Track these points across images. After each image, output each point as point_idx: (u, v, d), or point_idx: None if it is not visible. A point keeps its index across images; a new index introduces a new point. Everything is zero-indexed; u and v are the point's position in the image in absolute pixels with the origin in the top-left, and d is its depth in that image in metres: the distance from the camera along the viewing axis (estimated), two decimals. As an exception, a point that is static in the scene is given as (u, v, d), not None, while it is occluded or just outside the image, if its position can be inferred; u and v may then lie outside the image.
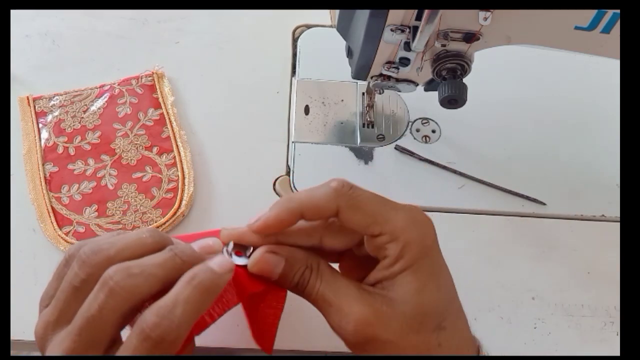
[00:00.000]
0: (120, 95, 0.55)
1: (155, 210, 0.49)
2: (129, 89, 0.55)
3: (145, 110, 0.54)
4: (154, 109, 0.54)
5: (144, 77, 0.56)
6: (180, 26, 0.61)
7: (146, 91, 0.55)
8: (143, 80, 0.56)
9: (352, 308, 0.32)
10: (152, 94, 0.55)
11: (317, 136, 0.55)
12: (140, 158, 0.52)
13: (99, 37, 0.60)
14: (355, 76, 0.48)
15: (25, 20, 0.60)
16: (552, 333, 0.48)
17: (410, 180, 0.54)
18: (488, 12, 0.40)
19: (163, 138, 0.53)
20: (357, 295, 0.33)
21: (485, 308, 0.48)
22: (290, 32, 0.62)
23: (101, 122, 0.53)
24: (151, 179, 0.51)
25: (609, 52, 0.42)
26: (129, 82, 0.56)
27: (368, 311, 0.32)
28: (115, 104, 0.54)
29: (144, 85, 0.55)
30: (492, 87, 0.59)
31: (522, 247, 0.51)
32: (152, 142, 0.52)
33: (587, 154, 0.57)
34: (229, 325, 0.46)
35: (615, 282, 0.50)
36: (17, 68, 0.56)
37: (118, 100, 0.54)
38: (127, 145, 0.52)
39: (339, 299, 0.33)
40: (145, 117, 0.53)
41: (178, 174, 0.51)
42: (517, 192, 0.53)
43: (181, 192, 0.50)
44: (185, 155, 0.52)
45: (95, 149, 0.52)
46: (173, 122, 0.54)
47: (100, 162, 0.51)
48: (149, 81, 0.56)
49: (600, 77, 0.61)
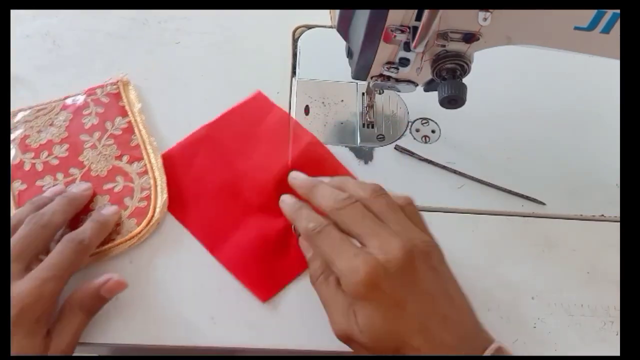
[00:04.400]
0: (85, 106, 0.53)
1: (130, 220, 0.48)
2: (95, 99, 0.54)
3: (112, 120, 0.53)
4: (122, 117, 0.53)
5: (109, 85, 0.55)
6: (180, 26, 0.61)
7: (112, 100, 0.54)
8: (108, 89, 0.55)
9: (337, 319, 0.39)
10: (119, 102, 0.54)
11: (317, 136, 0.55)
12: (111, 168, 0.50)
13: (99, 37, 0.60)
14: (355, 76, 0.48)
15: (25, 21, 0.60)
16: (552, 333, 0.48)
17: (410, 180, 0.54)
18: (487, 12, 0.40)
19: (132, 146, 0.52)
20: (345, 310, 0.38)
21: (485, 308, 0.48)
22: (290, 33, 0.62)
23: (68, 134, 0.52)
24: (123, 189, 0.50)
25: (609, 52, 0.42)
26: (94, 92, 0.54)
27: (346, 327, 0.38)
28: (81, 115, 0.53)
29: (109, 94, 0.54)
30: (492, 87, 0.59)
31: (522, 247, 0.51)
32: (122, 151, 0.51)
33: (587, 154, 0.57)
34: (230, 325, 0.46)
35: (615, 282, 0.50)
36: (18, 68, 0.56)
37: (84, 111, 0.53)
38: (96, 157, 0.51)
39: (332, 307, 0.40)
40: (113, 127, 0.52)
41: (150, 182, 0.50)
42: (517, 192, 0.53)
43: (154, 199, 0.49)
44: (156, 162, 0.51)
45: (64, 163, 0.51)
46: (142, 129, 0.53)
47: (70, 176, 0.50)
48: (114, 89, 0.55)
49: (600, 77, 0.61)
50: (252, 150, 0.53)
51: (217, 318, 0.46)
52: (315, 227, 0.40)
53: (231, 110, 0.55)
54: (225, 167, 0.52)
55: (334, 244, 0.39)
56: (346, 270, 0.37)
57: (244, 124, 0.55)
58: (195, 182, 0.51)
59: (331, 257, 0.39)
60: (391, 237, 0.38)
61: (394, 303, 0.37)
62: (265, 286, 0.47)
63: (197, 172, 0.52)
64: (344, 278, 0.38)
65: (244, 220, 0.50)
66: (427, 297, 0.37)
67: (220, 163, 0.52)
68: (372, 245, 0.38)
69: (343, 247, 0.38)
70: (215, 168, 0.52)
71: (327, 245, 0.39)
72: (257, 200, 0.50)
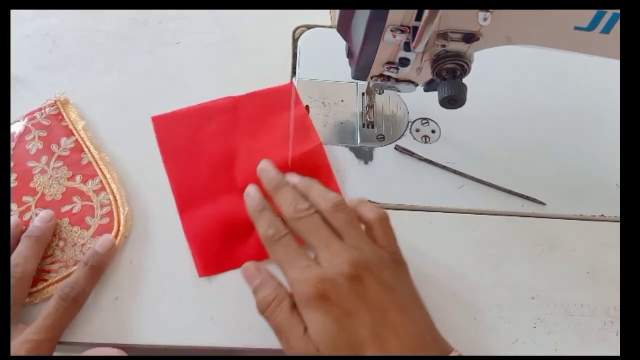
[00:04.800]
0: (27, 131, 0.52)
1: (94, 239, 0.47)
2: (35, 123, 0.53)
3: (57, 141, 0.52)
4: (67, 137, 0.52)
5: (47, 107, 0.53)
6: (180, 26, 0.61)
7: (53, 121, 0.53)
8: (47, 111, 0.53)
9: (294, 343, 0.38)
10: (61, 123, 0.53)
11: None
12: (65, 190, 0.49)
13: (99, 37, 0.60)
14: (355, 76, 0.48)
15: (25, 21, 0.60)
16: (552, 333, 0.48)
17: (410, 180, 0.54)
18: (487, 12, 0.40)
19: (84, 165, 0.51)
20: (301, 335, 0.38)
21: (485, 308, 0.48)
22: (290, 33, 0.62)
23: (14, 163, 0.51)
24: (82, 208, 0.49)
25: (609, 52, 0.42)
26: (33, 117, 0.53)
27: (304, 349, 0.38)
28: (24, 141, 0.52)
29: (49, 116, 0.53)
30: (492, 87, 0.59)
31: (522, 247, 0.51)
32: (74, 171, 0.50)
33: (587, 154, 0.57)
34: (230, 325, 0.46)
35: (615, 282, 0.50)
36: (18, 68, 0.56)
37: (26, 137, 0.52)
38: (48, 181, 0.50)
39: (288, 332, 0.39)
40: (60, 148, 0.51)
41: (109, 197, 0.49)
42: (517, 192, 0.53)
43: (117, 214, 0.49)
44: (111, 177, 0.50)
45: (16, 192, 0.49)
46: (90, 146, 0.52)
47: (24, 205, 0.49)
48: (53, 110, 0.53)
49: (600, 77, 0.61)
50: (262, 135, 0.54)
51: (217, 318, 0.46)
52: (274, 235, 0.41)
53: (260, 91, 0.57)
54: (230, 140, 0.54)
55: (289, 253, 0.40)
56: (297, 281, 0.39)
57: (265, 108, 0.56)
58: (197, 144, 0.53)
59: (285, 266, 0.40)
60: (342, 251, 0.39)
61: (345, 312, 0.37)
62: (210, 263, 0.48)
63: (203, 135, 0.54)
64: (295, 287, 0.39)
65: (222, 195, 0.51)
66: (378, 309, 0.38)
67: (227, 134, 0.54)
68: (324, 257, 0.39)
69: (297, 257, 0.40)
70: (221, 137, 0.54)
71: (283, 254, 0.40)
72: (242, 181, 0.51)
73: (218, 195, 0.51)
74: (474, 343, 0.47)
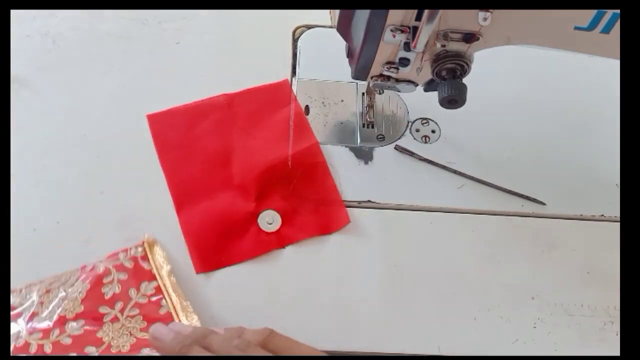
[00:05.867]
0: (106, 273, 0.46)
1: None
2: (117, 265, 0.47)
3: (137, 286, 0.46)
4: (148, 281, 0.46)
5: (133, 248, 0.48)
6: (180, 26, 0.61)
7: (136, 264, 0.47)
8: (132, 252, 0.47)
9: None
10: (144, 266, 0.47)
11: (317, 136, 0.55)
12: (135, 342, 0.44)
13: (99, 37, 0.60)
14: (355, 76, 0.48)
15: (25, 20, 0.60)
16: (552, 333, 0.48)
17: (410, 180, 0.54)
18: (487, 12, 0.40)
19: (161, 315, 0.45)
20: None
21: (485, 308, 0.48)
22: (290, 33, 0.62)
23: (84, 309, 0.45)
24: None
25: (609, 52, 0.42)
26: (116, 257, 0.47)
27: None
28: (100, 284, 0.46)
29: (133, 258, 0.47)
30: (492, 87, 0.59)
31: (522, 247, 0.51)
32: (149, 322, 0.44)
33: (587, 154, 0.57)
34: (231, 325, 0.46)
35: (615, 282, 0.50)
36: (18, 68, 0.56)
37: (104, 280, 0.46)
38: (118, 331, 0.44)
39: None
40: (138, 294, 0.46)
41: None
42: (517, 192, 0.53)
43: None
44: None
45: (78, 342, 0.43)
46: (172, 295, 0.46)
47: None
48: (139, 252, 0.48)
49: (600, 77, 0.61)
50: (257, 132, 0.54)
51: (217, 318, 0.46)
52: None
53: (255, 88, 0.57)
54: (225, 136, 0.54)
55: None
56: None
57: (260, 105, 0.56)
58: (192, 141, 0.53)
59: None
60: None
61: None
62: (207, 259, 0.48)
63: (198, 132, 0.54)
64: None
65: (219, 192, 0.51)
66: None
67: (222, 131, 0.54)
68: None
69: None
70: (216, 134, 0.54)
71: None
72: (239, 178, 0.51)
73: (215, 192, 0.51)
74: (474, 343, 0.47)
